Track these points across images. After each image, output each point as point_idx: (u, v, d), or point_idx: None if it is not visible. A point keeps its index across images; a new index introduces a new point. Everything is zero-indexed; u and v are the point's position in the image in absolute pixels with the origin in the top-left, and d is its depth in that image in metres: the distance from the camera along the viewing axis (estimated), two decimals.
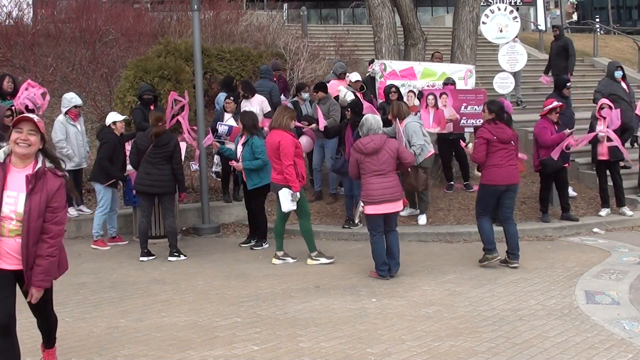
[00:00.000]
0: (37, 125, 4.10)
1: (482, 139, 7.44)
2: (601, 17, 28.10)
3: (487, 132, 7.43)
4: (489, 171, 7.47)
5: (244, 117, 8.73)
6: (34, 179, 4.05)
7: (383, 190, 7.01)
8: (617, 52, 19.43)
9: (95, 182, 9.10)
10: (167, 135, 8.39)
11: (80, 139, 9.86)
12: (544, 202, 9.77)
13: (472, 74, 11.37)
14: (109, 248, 8.94)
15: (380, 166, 7.03)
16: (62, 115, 9.73)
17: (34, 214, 4.02)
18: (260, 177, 8.56)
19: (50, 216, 4.09)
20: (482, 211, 7.63)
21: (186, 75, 11.85)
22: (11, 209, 4.01)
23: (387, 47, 11.69)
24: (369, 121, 7.22)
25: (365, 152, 7.04)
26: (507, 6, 11.93)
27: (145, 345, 5.20)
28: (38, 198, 4.03)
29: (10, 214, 4.01)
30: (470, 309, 6.02)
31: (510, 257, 7.59)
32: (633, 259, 7.82)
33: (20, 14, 14.76)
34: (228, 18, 16.05)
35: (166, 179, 8.34)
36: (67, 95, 9.94)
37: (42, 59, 13.19)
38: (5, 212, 4.02)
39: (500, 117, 7.53)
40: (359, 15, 31.05)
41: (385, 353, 4.97)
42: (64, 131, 9.65)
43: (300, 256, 8.26)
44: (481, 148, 7.44)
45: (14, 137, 4.06)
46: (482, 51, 14.17)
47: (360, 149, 7.08)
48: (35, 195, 4.03)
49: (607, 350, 4.97)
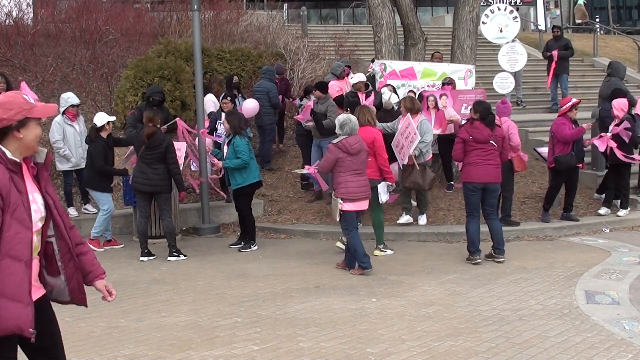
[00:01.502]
0: None
1: (459, 139, 7.86)
2: (601, 17, 28.10)
3: (464, 132, 7.82)
4: (466, 169, 7.84)
5: (230, 117, 8.77)
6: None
7: (360, 189, 7.37)
8: (617, 52, 19.42)
9: (92, 190, 8.98)
10: (158, 136, 8.32)
11: (78, 139, 9.80)
12: (550, 201, 9.70)
13: (472, 74, 11.37)
14: (102, 250, 8.82)
15: (359, 166, 7.36)
16: (60, 116, 9.70)
17: (59, 206, 3.15)
18: (243, 177, 8.58)
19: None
20: (469, 211, 7.84)
21: (186, 75, 11.85)
22: (40, 216, 3.05)
23: (387, 47, 11.69)
24: (352, 122, 7.40)
25: (351, 152, 7.26)
26: (507, 6, 11.93)
27: (145, 345, 5.20)
28: (52, 186, 3.18)
29: (38, 223, 3.04)
30: (470, 309, 6.02)
31: (496, 252, 7.84)
32: (633, 259, 7.82)
33: (20, 14, 14.75)
34: (228, 18, 16.05)
35: (159, 178, 8.30)
36: (64, 94, 9.93)
37: (42, 59, 13.18)
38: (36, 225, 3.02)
39: (484, 117, 7.75)
40: (359, 15, 31.04)
41: (385, 353, 4.97)
42: (60, 132, 9.65)
43: (300, 256, 8.26)
44: (457, 147, 7.87)
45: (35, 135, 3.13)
46: (482, 51, 14.18)
47: (347, 149, 7.26)
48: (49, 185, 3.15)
49: (607, 350, 4.97)
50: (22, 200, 2.90)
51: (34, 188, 3.02)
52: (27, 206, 2.91)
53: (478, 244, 7.76)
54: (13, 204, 2.86)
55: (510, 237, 9.18)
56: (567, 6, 34.96)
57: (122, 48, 14.01)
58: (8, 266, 2.83)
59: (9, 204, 2.85)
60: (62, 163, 9.75)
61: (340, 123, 7.41)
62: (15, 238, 2.86)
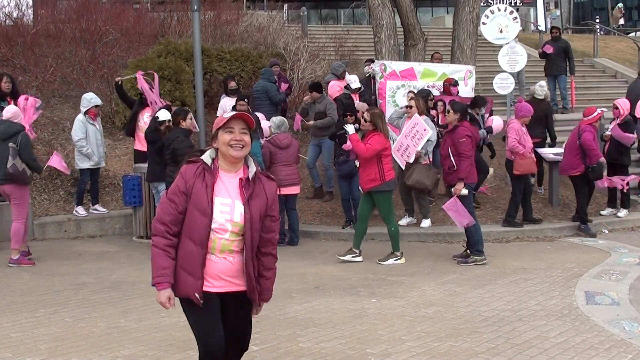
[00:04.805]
0: (248, 123, 3.51)
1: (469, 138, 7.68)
2: (601, 18, 28.08)
3: (469, 130, 7.75)
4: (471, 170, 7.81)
5: None
6: (252, 183, 3.52)
7: (289, 176, 8.78)
8: (617, 53, 19.42)
9: (159, 183, 8.75)
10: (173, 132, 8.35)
11: (99, 138, 9.94)
12: (585, 211, 9.39)
13: (472, 74, 11.37)
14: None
15: (288, 159, 8.90)
16: (82, 115, 9.77)
17: (255, 223, 3.48)
18: None
19: (273, 225, 3.61)
20: (472, 211, 7.87)
21: (186, 75, 11.86)
22: (227, 217, 3.45)
23: (387, 47, 11.70)
24: (285, 123, 9.06)
25: (281, 146, 8.83)
26: (507, 7, 11.92)
27: (145, 345, 5.20)
28: (258, 205, 3.50)
29: (226, 224, 3.45)
30: (470, 310, 6.02)
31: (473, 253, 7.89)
32: (633, 260, 7.82)
33: (20, 14, 14.76)
34: (228, 18, 16.05)
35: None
36: (87, 95, 9.97)
37: (42, 59, 13.18)
38: (219, 222, 3.45)
39: (465, 116, 7.78)
40: (359, 15, 31.05)
41: (385, 353, 4.97)
42: (83, 130, 9.69)
43: (300, 257, 8.25)
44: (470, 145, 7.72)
45: (225, 139, 3.45)
46: (482, 52, 14.17)
47: (278, 144, 8.82)
48: (255, 202, 3.49)
49: (606, 350, 4.97)
50: (207, 193, 3.43)
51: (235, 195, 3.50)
52: (210, 199, 3.42)
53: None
54: (195, 195, 3.43)
55: (510, 238, 9.20)
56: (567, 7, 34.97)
57: (122, 48, 14.01)
58: (186, 245, 3.45)
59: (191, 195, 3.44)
60: (82, 161, 9.76)
61: (277, 124, 8.95)
62: (193, 223, 3.44)
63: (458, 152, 7.65)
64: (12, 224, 7.88)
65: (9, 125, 7.88)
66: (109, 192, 10.69)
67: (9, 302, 6.41)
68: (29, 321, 5.80)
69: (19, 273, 7.68)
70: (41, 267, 7.97)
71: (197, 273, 3.45)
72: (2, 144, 7.76)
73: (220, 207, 3.45)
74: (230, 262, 3.51)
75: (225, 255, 3.49)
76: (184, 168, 3.51)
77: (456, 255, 8.06)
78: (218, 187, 3.48)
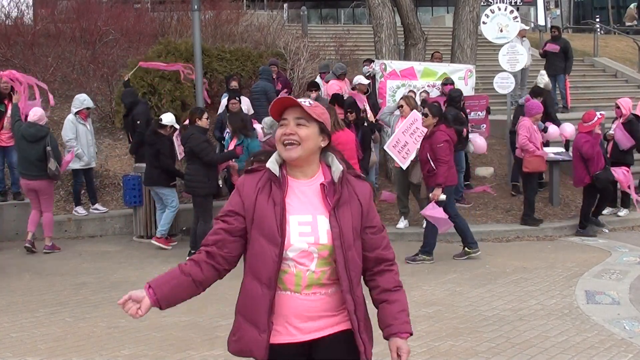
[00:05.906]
0: (308, 112, 2.56)
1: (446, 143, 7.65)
2: (601, 17, 28.08)
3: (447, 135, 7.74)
4: (451, 171, 7.85)
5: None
6: (337, 187, 2.56)
7: None
8: (617, 52, 19.42)
9: (159, 187, 8.78)
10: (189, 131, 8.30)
11: (90, 138, 9.94)
12: (587, 218, 9.35)
13: (472, 73, 11.37)
14: (170, 248, 8.77)
15: None
16: (72, 115, 9.77)
17: (348, 240, 2.53)
18: None
19: (377, 239, 2.65)
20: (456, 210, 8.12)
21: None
22: (309, 241, 2.51)
23: (387, 47, 11.69)
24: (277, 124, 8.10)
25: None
26: (507, 6, 11.92)
27: (145, 345, 5.20)
28: (349, 214, 2.55)
29: (310, 250, 2.51)
30: (470, 309, 6.02)
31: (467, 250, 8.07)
32: (633, 259, 7.82)
33: (20, 14, 14.76)
34: (228, 18, 16.05)
35: (191, 179, 8.18)
36: (80, 96, 9.95)
37: (42, 59, 13.18)
38: (299, 249, 2.51)
39: (442, 117, 7.77)
40: (359, 15, 31.04)
41: (385, 353, 4.93)
42: (74, 130, 9.69)
43: None
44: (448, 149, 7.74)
45: (277, 135, 2.63)
46: (483, 51, 14.16)
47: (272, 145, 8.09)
48: (344, 211, 2.55)
49: (607, 350, 4.96)
50: (276, 212, 2.50)
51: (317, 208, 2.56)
52: (280, 220, 2.49)
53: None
54: (259, 217, 2.52)
55: (511, 237, 9.19)
56: (567, 6, 34.96)
57: (122, 48, 14.02)
58: (248, 284, 2.58)
59: (253, 217, 2.54)
60: (73, 162, 9.75)
61: (269, 125, 8.52)
62: (259, 255, 2.53)
63: (436, 157, 7.58)
64: (43, 215, 8.60)
65: (39, 129, 8.54)
66: (109, 192, 10.69)
67: (9, 302, 6.41)
68: (29, 321, 5.80)
69: (19, 273, 7.69)
70: (41, 267, 7.97)
71: (263, 323, 2.53)
72: (31, 145, 8.46)
73: (299, 228, 2.51)
74: (322, 297, 2.58)
75: (314, 290, 2.56)
76: (242, 179, 2.63)
77: (456, 254, 8.07)
78: (291, 202, 2.55)
